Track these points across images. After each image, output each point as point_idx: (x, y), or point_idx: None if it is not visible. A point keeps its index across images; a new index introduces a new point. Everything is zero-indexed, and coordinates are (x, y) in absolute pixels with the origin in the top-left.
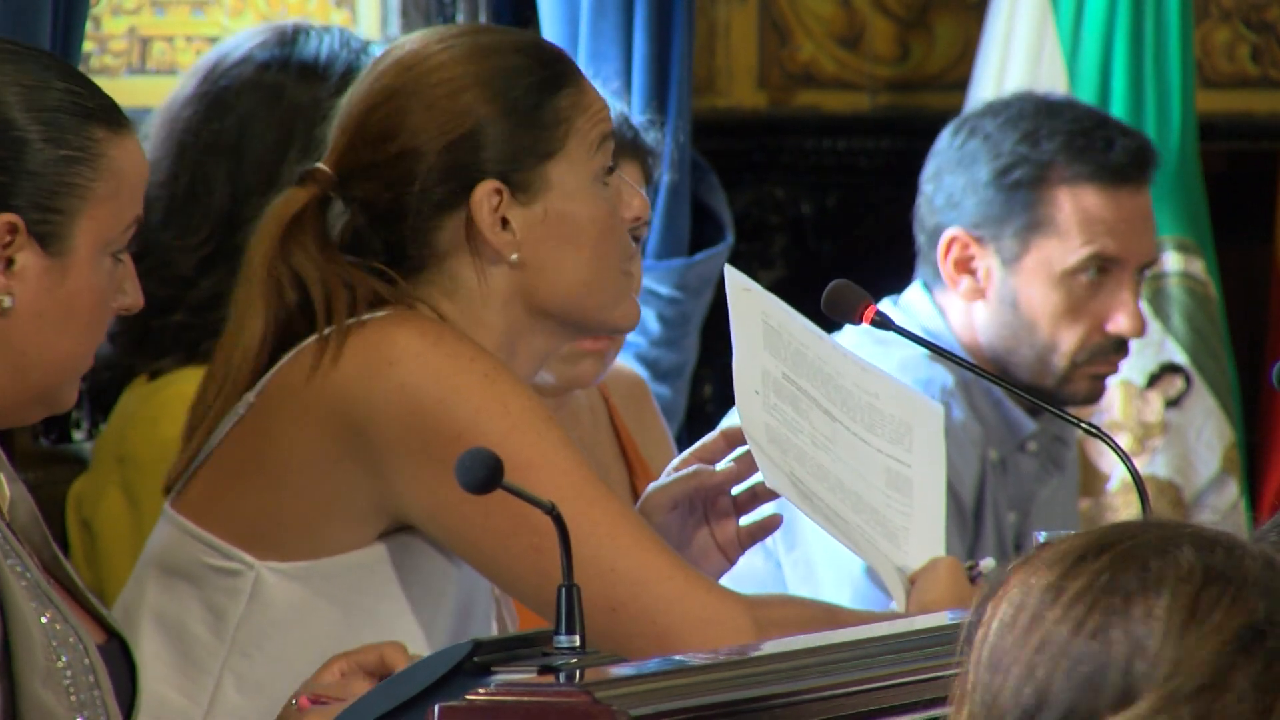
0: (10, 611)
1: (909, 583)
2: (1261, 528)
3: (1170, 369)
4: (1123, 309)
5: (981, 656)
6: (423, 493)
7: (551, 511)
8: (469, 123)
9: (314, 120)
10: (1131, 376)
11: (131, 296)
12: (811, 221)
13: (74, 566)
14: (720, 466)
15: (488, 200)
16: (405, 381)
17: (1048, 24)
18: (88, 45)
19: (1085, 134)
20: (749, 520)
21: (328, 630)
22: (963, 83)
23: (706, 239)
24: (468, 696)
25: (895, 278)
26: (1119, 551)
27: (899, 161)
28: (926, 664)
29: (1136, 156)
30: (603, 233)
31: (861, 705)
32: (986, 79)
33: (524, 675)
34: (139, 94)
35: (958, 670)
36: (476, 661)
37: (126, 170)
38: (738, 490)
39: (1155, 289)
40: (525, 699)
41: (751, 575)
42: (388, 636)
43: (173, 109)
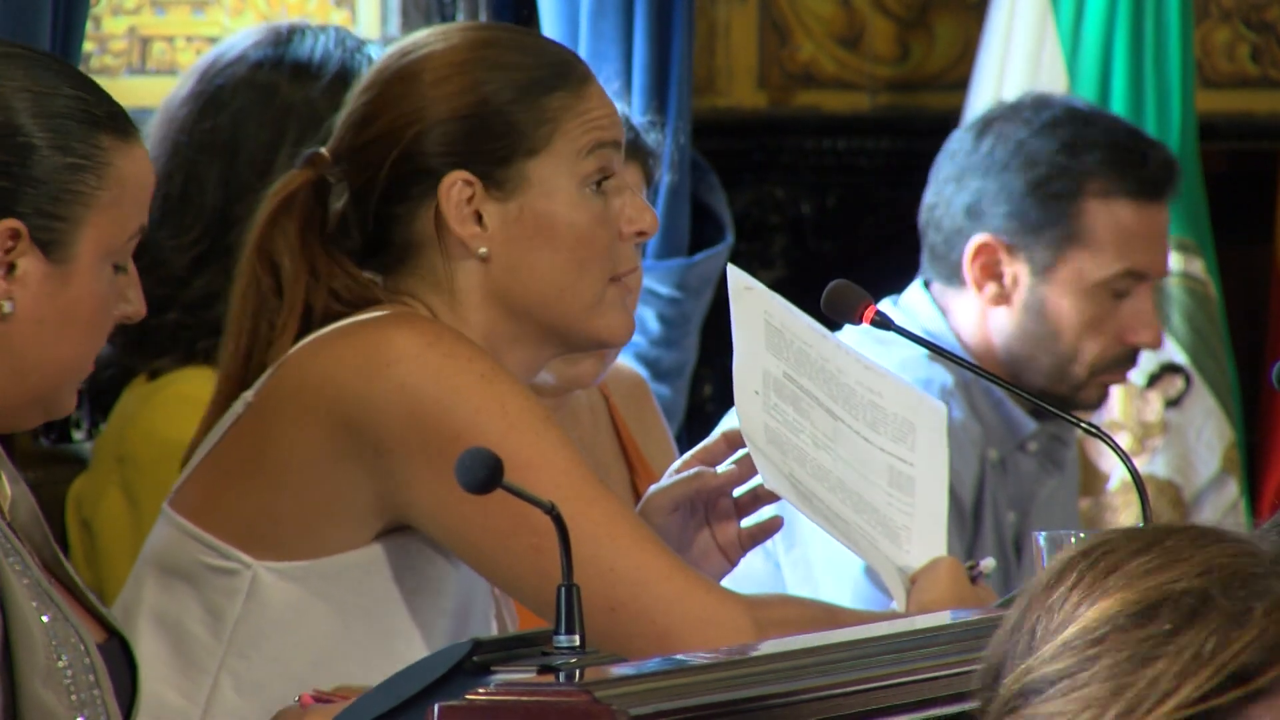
0: (11, 611)
1: (909, 582)
2: (1262, 527)
3: (1170, 369)
4: (1144, 322)
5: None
6: (422, 493)
7: (551, 511)
8: (447, 110)
9: (307, 119)
10: (1131, 376)
11: (134, 305)
12: (811, 221)
13: (74, 566)
14: (721, 469)
15: (457, 190)
16: (404, 382)
17: (1048, 24)
18: (88, 45)
19: (1122, 147)
20: (750, 522)
21: (326, 630)
22: (963, 83)
23: (706, 239)
24: (467, 696)
25: (895, 278)
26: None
27: (899, 161)
28: (925, 664)
29: (1168, 172)
30: (581, 238)
31: (860, 705)
32: (986, 79)
33: (524, 675)
34: (139, 94)
35: (960, 670)
36: (476, 661)
37: (132, 179)
38: (739, 492)
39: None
40: (525, 698)
41: (751, 575)
42: (386, 637)
43: (170, 108)
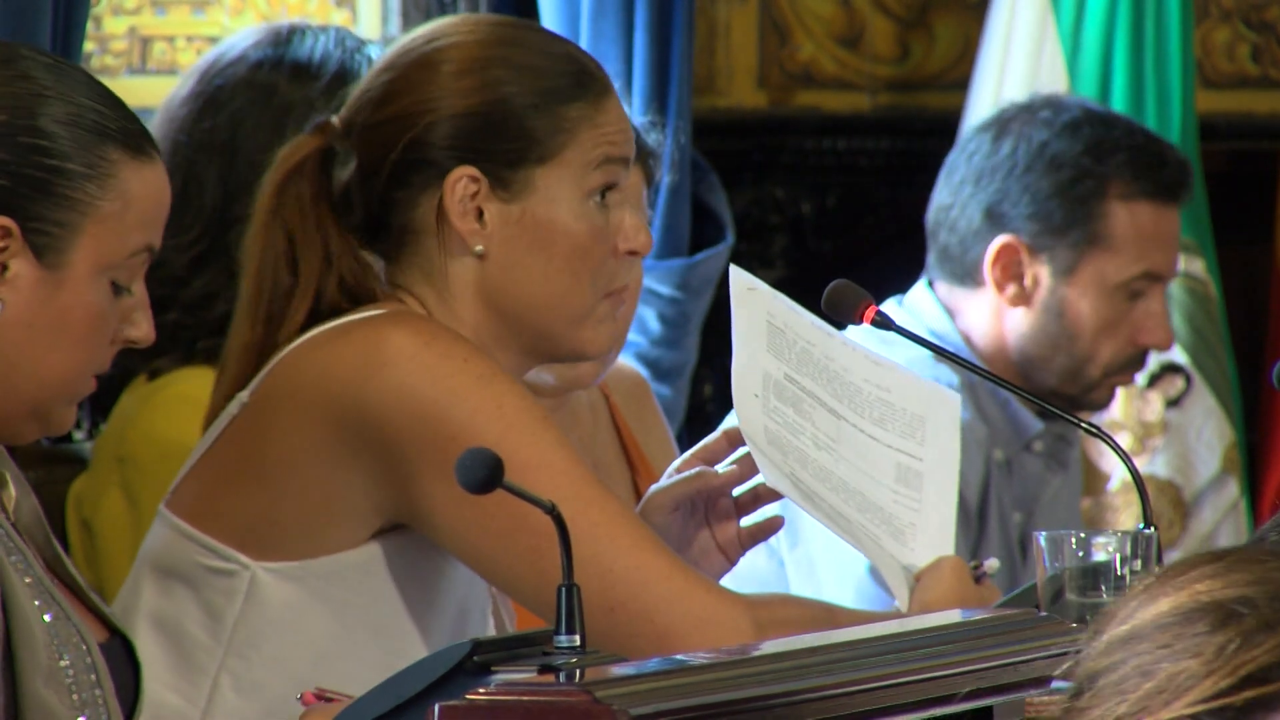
0: (13, 610)
1: (914, 581)
2: (1263, 527)
3: (1170, 369)
4: (1157, 323)
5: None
6: (420, 494)
7: (552, 511)
8: (464, 105)
9: (306, 119)
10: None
11: (142, 330)
12: (811, 221)
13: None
14: (722, 468)
15: (463, 185)
16: (401, 383)
17: (1048, 24)
18: (88, 45)
19: (1143, 149)
20: (750, 521)
21: (325, 630)
22: (963, 83)
23: (707, 239)
24: (468, 696)
25: (895, 278)
26: None
27: (899, 161)
28: (926, 664)
29: (1184, 174)
30: (578, 249)
31: (861, 705)
32: (987, 79)
33: (524, 675)
34: (139, 94)
35: (960, 670)
36: (476, 661)
37: (138, 195)
38: (739, 491)
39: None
40: (525, 698)
41: (754, 574)
42: (384, 636)
43: (170, 108)
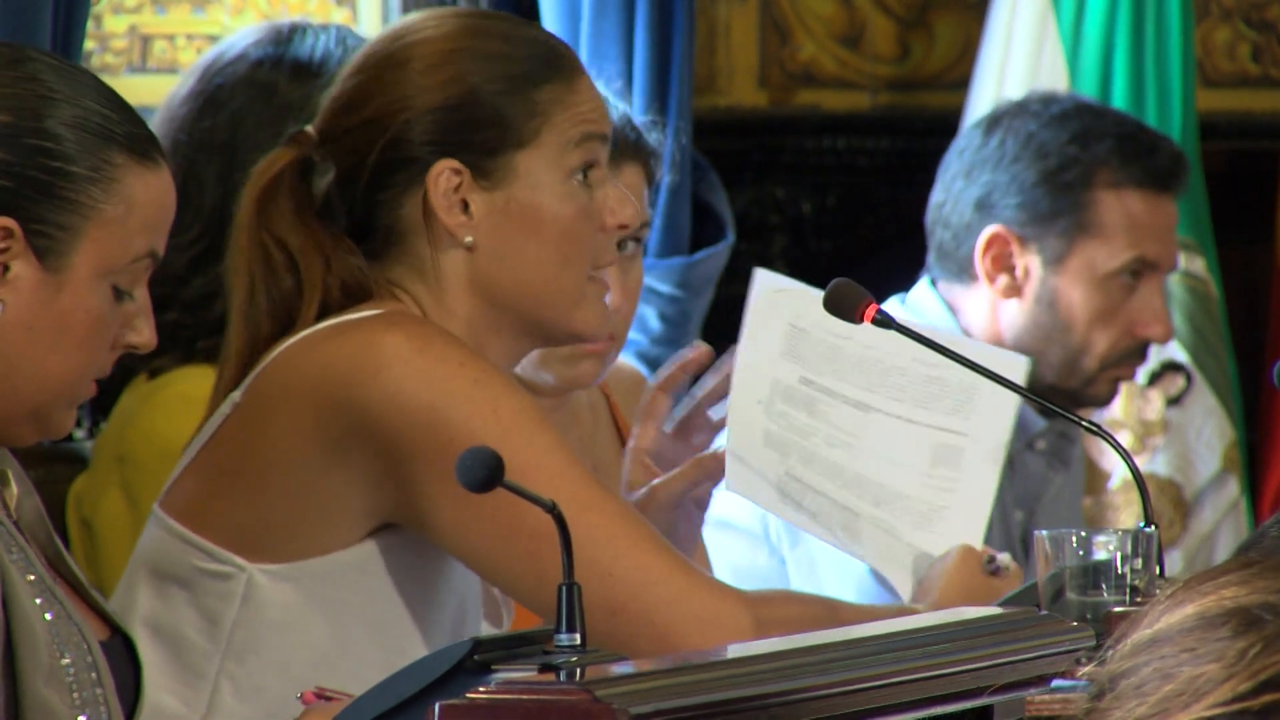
0: (14, 609)
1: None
2: (1263, 525)
3: (1171, 367)
4: (1154, 314)
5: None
6: (417, 496)
7: (552, 510)
8: (438, 99)
9: (306, 118)
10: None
11: (144, 336)
12: (812, 221)
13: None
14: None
15: (445, 178)
16: (397, 387)
17: (1048, 23)
18: (88, 44)
19: (1132, 138)
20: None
21: (323, 630)
22: (963, 82)
23: (707, 238)
24: (468, 695)
25: (896, 277)
26: None
27: (899, 161)
28: (925, 663)
29: (1176, 164)
30: (565, 231)
31: (860, 704)
32: (987, 78)
33: (524, 674)
34: (139, 93)
35: (960, 670)
36: (477, 660)
37: (141, 201)
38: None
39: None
40: (525, 697)
41: (755, 573)
42: (383, 635)
43: (170, 107)
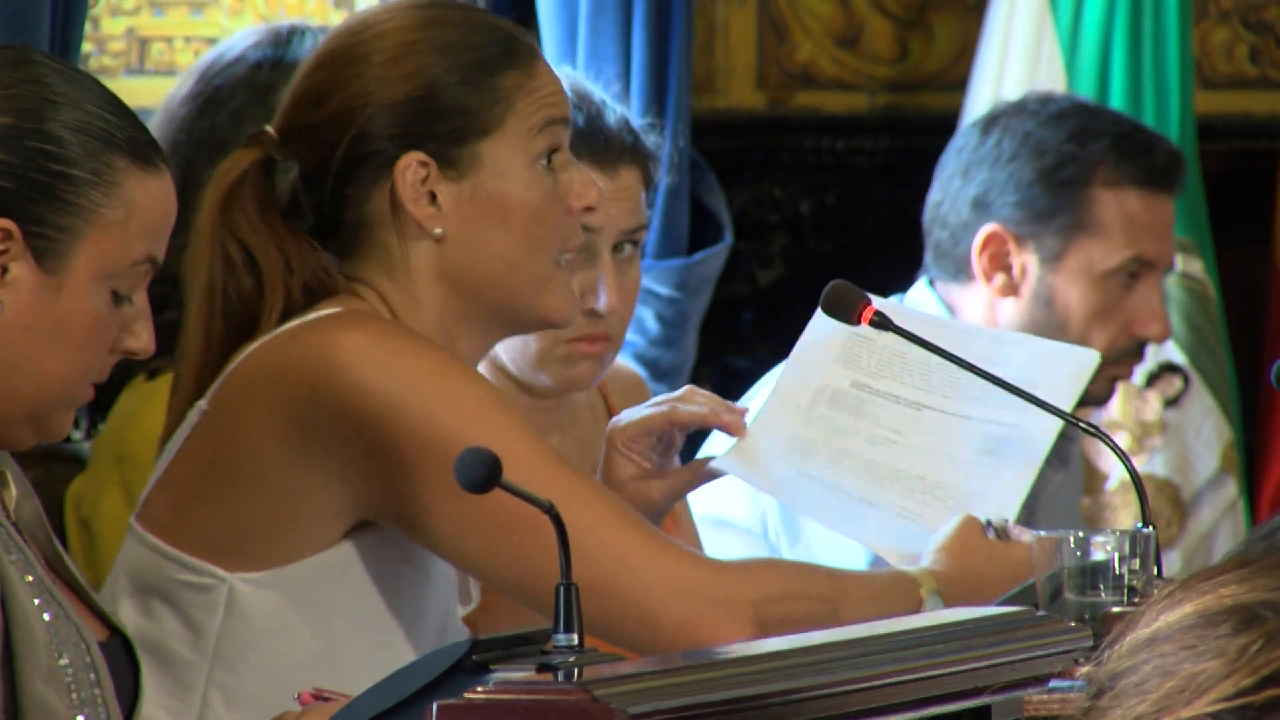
0: (12, 609)
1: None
2: (1263, 525)
3: (1169, 368)
4: (1152, 313)
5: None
6: (382, 489)
7: (550, 510)
8: (400, 92)
9: None
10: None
11: (142, 341)
12: (810, 221)
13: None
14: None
15: (412, 171)
16: (356, 380)
17: (1046, 24)
18: (86, 46)
19: (1129, 137)
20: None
21: (308, 633)
22: (961, 82)
23: (705, 239)
24: (466, 695)
25: (895, 277)
26: None
27: (898, 161)
28: (924, 663)
29: (1174, 163)
30: (533, 216)
31: (860, 704)
32: (985, 79)
33: (522, 673)
34: (138, 94)
35: (960, 669)
36: (475, 660)
37: (142, 205)
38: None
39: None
40: (523, 697)
41: None
42: (369, 633)
43: (169, 108)
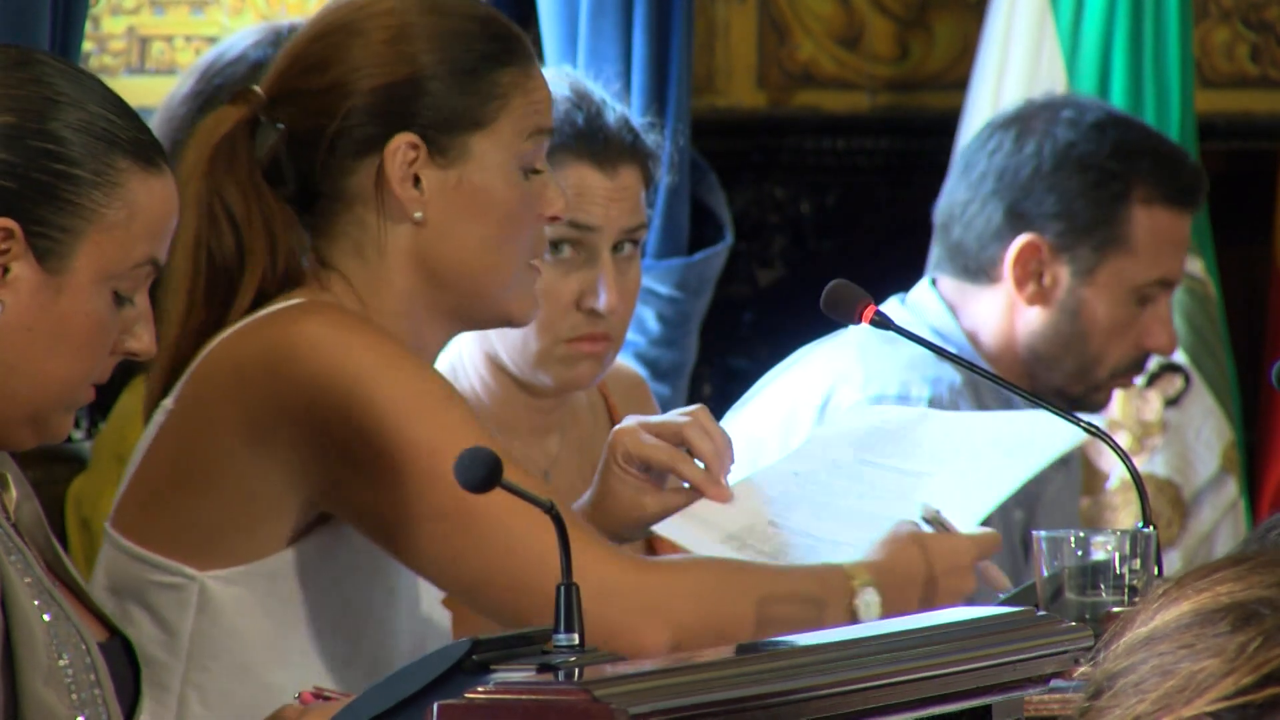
0: (12, 610)
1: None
2: (1262, 524)
3: (1169, 368)
4: (1164, 328)
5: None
6: (333, 480)
7: (550, 510)
8: (403, 71)
9: None
10: None
11: (143, 342)
12: (811, 221)
13: (74, 565)
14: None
15: (403, 152)
16: (308, 373)
17: (1047, 24)
18: (87, 45)
19: (1165, 155)
20: None
21: (281, 629)
22: (962, 82)
23: (706, 238)
24: (466, 695)
25: (895, 277)
26: None
27: (899, 161)
28: (924, 663)
29: (1201, 181)
30: (511, 216)
31: (860, 704)
32: (986, 79)
33: (523, 674)
34: (138, 94)
35: (960, 669)
36: (475, 660)
37: (144, 206)
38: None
39: None
40: (524, 697)
41: None
42: (343, 627)
43: (170, 107)
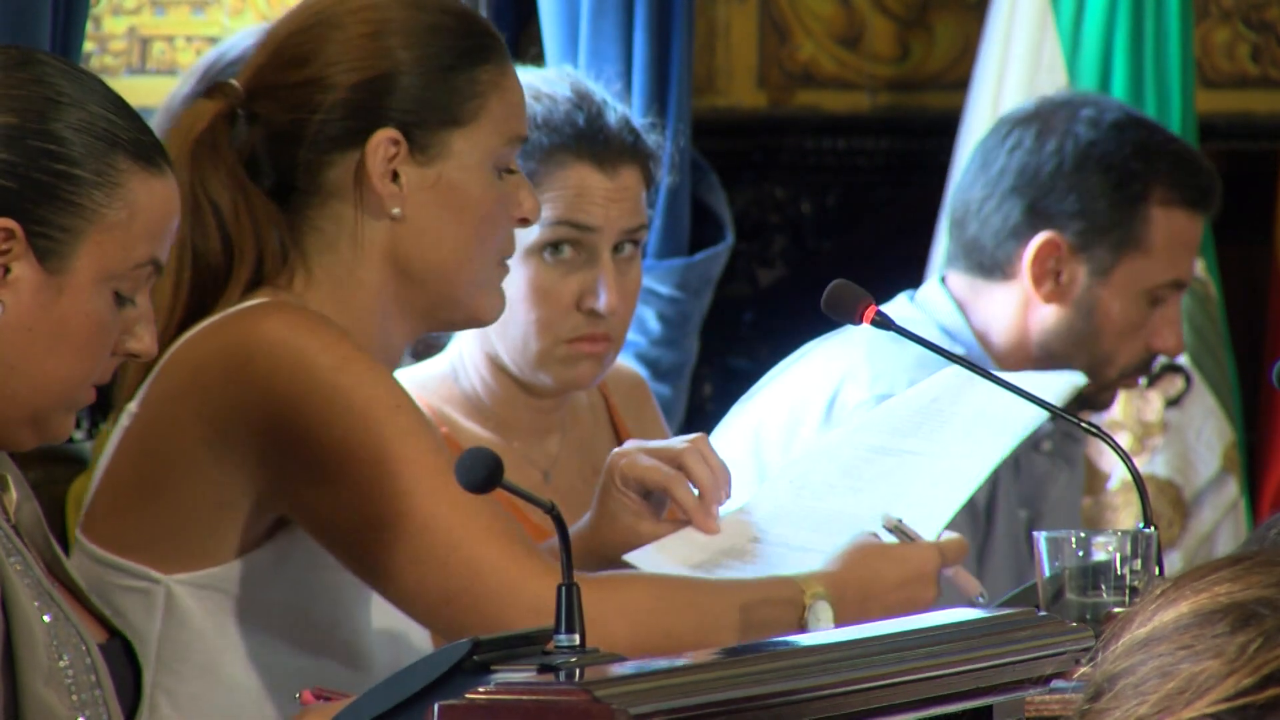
0: (13, 610)
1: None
2: (1263, 525)
3: (1170, 368)
4: (1173, 330)
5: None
6: (285, 482)
7: (551, 511)
8: (384, 66)
9: None
10: None
11: (144, 343)
12: (811, 221)
13: (74, 566)
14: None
15: (384, 148)
16: (263, 375)
17: (1048, 24)
18: (88, 45)
19: (1184, 157)
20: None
21: (248, 632)
22: (963, 82)
23: (706, 238)
24: (467, 695)
25: (895, 277)
26: None
27: (899, 161)
28: (925, 663)
29: (1216, 184)
30: (486, 216)
31: (860, 704)
32: (987, 79)
33: (523, 674)
34: (139, 94)
35: (960, 670)
36: (476, 660)
37: (145, 208)
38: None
39: None
40: (524, 698)
41: None
42: (311, 628)
43: (171, 108)
